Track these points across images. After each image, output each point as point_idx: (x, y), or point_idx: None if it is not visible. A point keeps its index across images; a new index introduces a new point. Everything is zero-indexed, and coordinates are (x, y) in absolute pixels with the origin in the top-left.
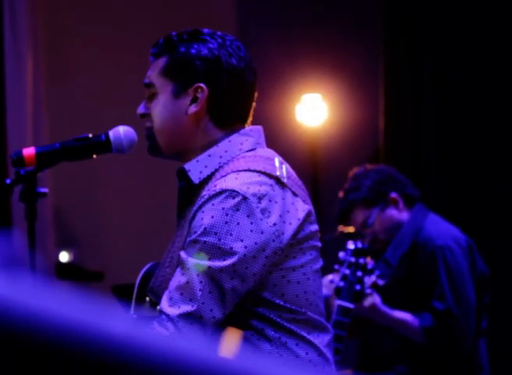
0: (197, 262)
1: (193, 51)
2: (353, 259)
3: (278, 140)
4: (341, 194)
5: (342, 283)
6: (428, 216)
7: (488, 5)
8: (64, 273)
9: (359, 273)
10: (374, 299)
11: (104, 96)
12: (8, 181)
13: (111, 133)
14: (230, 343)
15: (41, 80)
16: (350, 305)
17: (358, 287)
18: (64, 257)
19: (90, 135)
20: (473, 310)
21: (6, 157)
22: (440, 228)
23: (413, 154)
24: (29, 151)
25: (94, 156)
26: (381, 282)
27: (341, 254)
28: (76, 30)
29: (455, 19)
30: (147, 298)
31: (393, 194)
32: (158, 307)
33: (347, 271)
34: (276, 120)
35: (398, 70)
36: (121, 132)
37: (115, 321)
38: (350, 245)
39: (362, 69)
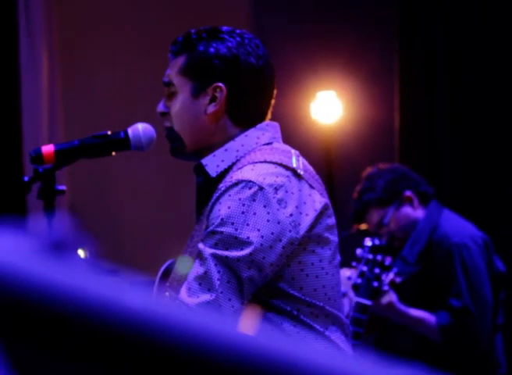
0: (215, 252)
1: (211, 50)
2: (370, 256)
3: (292, 137)
4: (355, 194)
5: (359, 280)
6: (443, 213)
7: (501, 3)
8: None
9: (376, 270)
10: (391, 297)
11: (118, 95)
12: (26, 179)
13: (129, 131)
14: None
15: (57, 79)
16: (368, 302)
17: (376, 283)
18: (80, 254)
19: (109, 132)
20: (489, 308)
21: (22, 156)
22: (456, 225)
23: (429, 152)
24: (48, 149)
25: (113, 154)
26: (398, 279)
27: (359, 251)
28: (92, 29)
29: (471, 16)
30: (167, 294)
31: (408, 193)
32: (178, 296)
33: (365, 268)
34: (291, 118)
35: (413, 68)
36: (140, 129)
37: (134, 294)
38: (368, 242)
39: (377, 66)
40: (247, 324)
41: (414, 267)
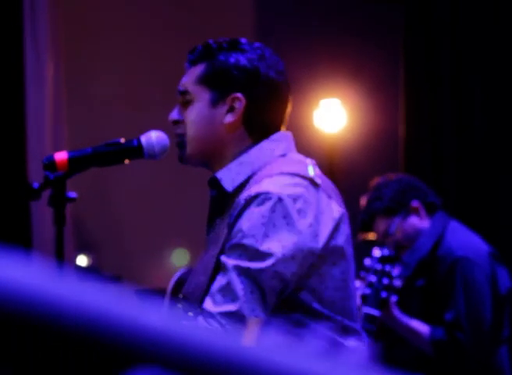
0: (238, 264)
1: (232, 60)
2: (379, 266)
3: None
4: (363, 203)
5: (368, 291)
6: (450, 225)
7: (509, 11)
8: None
9: (385, 281)
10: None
11: (122, 104)
12: (36, 186)
13: (143, 139)
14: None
15: (62, 87)
16: (376, 313)
17: (384, 294)
18: (82, 261)
19: (122, 140)
20: (486, 327)
21: (26, 163)
22: (461, 239)
23: (433, 162)
24: (61, 156)
25: (126, 162)
26: (397, 282)
27: (367, 261)
28: (97, 37)
29: (476, 25)
30: (180, 306)
31: (415, 203)
32: (202, 307)
33: (373, 278)
34: (294, 126)
35: (418, 77)
36: (153, 137)
37: (151, 312)
38: (376, 252)
39: (382, 74)
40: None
41: (417, 280)
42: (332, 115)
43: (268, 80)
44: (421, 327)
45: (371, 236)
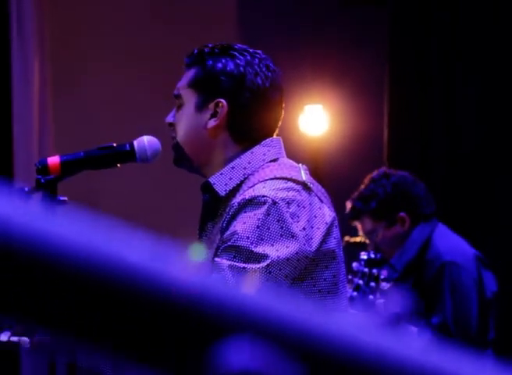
0: (232, 264)
1: (219, 65)
2: (366, 270)
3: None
4: (356, 193)
5: (355, 294)
6: (438, 228)
7: (499, 16)
8: None
9: (372, 284)
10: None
11: (110, 108)
12: (26, 189)
13: (135, 143)
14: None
15: (48, 92)
16: None
17: (371, 297)
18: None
19: (115, 144)
20: (473, 331)
21: (13, 167)
22: (448, 243)
23: (417, 166)
24: (54, 160)
25: (118, 165)
26: (385, 285)
27: (354, 264)
28: (83, 41)
29: (463, 29)
30: None
31: (402, 214)
32: None
33: (361, 281)
34: (280, 130)
35: (404, 81)
36: (145, 141)
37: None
38: (363, 256)
39: (366, 80)
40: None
41: (404, 283)
42: (317, 120)
43: (253, 85)
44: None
45: (357, 239)
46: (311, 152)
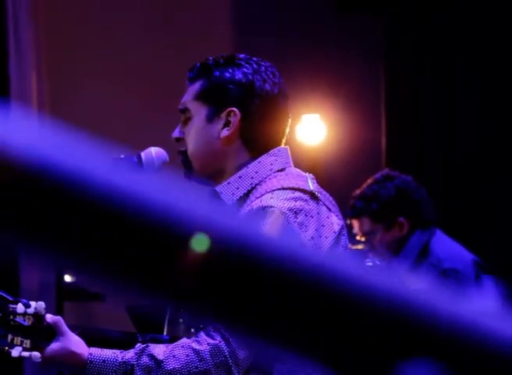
0: None
1: (227, 75)
2: None
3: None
4: (359, 190)
5: None
6: (436, 234)
7: (499, 16)
8: (66, 294)
9: None
10: None
11: (107, 120)
12: None
13: (143, 155)
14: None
15: (45, 105)
16: None
17: None
18: (67, 277)
19: (122, 156)
20: None
21: None
22: (447, 249)
23: (415, 173)
24: None
25: None
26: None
27: None
28: (80, 55)
29: (462, 29)
30: (181, 320)
31: (401, 219)
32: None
33: None
34: None
35: (400, 90)
36: (153, 153)
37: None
38: (368, 263)
39: (363, 89)
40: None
41: None
42: (314, 129)
43: (263, 93)
44: None
45: (359, 247)
46: (308, 162)
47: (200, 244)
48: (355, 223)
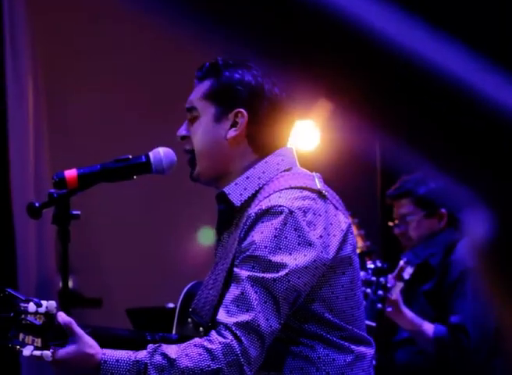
0: (251, 274)
1: (237, 76)
2: (373, 278)
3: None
4: (407, 176)
5: (363, 303)
6: (464, 238)
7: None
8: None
9: (380, 292)
10: (397, 295)
11: (104, 124)
12: (37, 204)
13: (151, 155)
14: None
15: (42, 119)
16: (372, 324)
17: (380, 305)
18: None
19: (131, 156)
20: (489, 336)
21: (9, 191)
22: None
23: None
24: (71, 173)
25: (134, 177)
26: (409, 270)
27: (362, 273)
28: (76, 68)
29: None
30: (190, 320)
31: (443, 210)
32: (216, 318)
33: (368, 290)
34: None
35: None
36: (161, 153)
37: None
38: (370, 265)
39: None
40: None
41: (425, 284)
42: (308, 135)
43: (272, 95)
44: (423, 322)
45: (362, 248)
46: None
47: (207, 236)
48: (396, 204)
